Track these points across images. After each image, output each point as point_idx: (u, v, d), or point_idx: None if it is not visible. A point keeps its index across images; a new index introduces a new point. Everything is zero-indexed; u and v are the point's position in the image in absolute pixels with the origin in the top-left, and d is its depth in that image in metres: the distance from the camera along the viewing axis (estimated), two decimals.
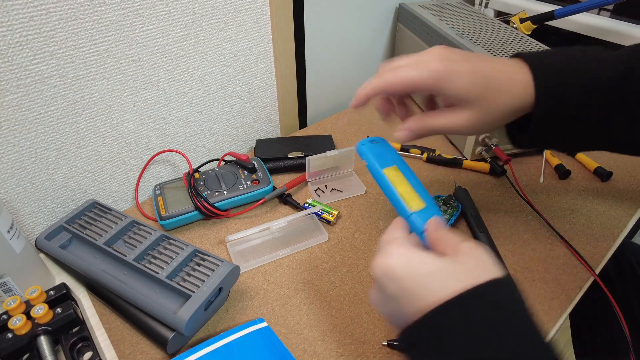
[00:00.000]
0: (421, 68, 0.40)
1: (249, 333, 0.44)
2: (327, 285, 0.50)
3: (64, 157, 0.54)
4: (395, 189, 0.41)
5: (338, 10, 0.77)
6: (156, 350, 0.44)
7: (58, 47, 0.48)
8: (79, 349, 0.43)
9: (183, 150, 0.66)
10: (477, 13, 0.80)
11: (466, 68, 0.39)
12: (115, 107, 0.56)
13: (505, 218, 0.59)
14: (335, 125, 0.79)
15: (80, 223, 0.53)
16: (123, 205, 0.64)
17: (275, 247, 0.55)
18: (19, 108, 0.48)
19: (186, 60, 0.59)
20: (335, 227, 0.58)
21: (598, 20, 0.82)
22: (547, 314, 0.47)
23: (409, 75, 0.40)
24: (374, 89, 0.42)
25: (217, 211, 0.58)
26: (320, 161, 0.64)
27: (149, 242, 0.50)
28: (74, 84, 0.51)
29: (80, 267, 0.49)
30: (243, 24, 0.63)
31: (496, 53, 0.63)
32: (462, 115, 0.40)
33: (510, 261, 0.53)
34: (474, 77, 0.39)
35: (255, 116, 0.74)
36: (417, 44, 0.80)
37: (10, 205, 0.52)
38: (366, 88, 0.42)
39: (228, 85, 0.66)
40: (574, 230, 0.57)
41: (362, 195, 0.64)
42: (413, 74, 0.40)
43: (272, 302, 0.49)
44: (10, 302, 0.42)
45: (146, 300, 0.44)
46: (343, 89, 0.88)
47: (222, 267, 0.46)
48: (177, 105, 0.62)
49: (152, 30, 0.54)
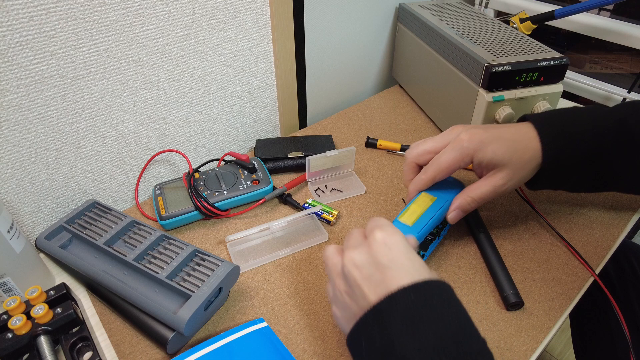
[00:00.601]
0: (457, 148, 0.47)
1: (249, 333, 0.44)
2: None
3: (64, 157, 0.55)
4: (411, 203, 0.49)
5: (338, 10, 0.77)
6: (156, 350, 0.44)
7: (58, 47, 0.48)
8: (79, 349, 0.43)
9: (183, 150, 0.66)
10: (477, 13, 0.80)
11: (491, 137, 0.47)
12: (115, 107, 0.56)
13: (505, 218, 0.59)
14: (335, 125, 0.79)
15: (80, 223, 0.53)
16: (123, 205, 0.64)
17: (275, 247, 0.55)
18: (19, 108, 0.48)
19: (186, 60, 0.59)
20: (335, 227, 0.58)
21: (598, 20, 0.82)
22: (547, 314, 0.47)
23: (450, 159, 0.47)
24: (426, 183, 0.49)
25: (217, 211, 0.58)
26: (320, 161, 0.64)
27: (149, 242, 0.50)
28: (74, 84, 0.51)
29: (80, 267, 0.49)
30: (243, 24, 0.63)
31: (496, 53, 0.63)
32: (499, 177, 0.47)
33: (510, 261, 0.53)
34: (501, 142, 0.46)
35: (255, 116, 0.74)
36: (417, 44, 0.80)
37: (10, 205, 0.52)
38: (418, 184, 0.50)
39: (228, 85, 0.66)
40: (574, 230, 0.57)
41: (362, 195, 0.64)
42: (454, 155, 0.47)
43: (272, 302, 0.49)
44: (10, 302, 0.42)
45: (146, 300, 0.44)
46: (343, 89, 0.88)
47: (222, 267, 0.46)
48: (177, 105, 0.62)
49: (152, 30, 0.54)
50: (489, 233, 0.55)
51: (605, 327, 0.67)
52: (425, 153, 0.50)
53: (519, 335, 0.45)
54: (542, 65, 0.61)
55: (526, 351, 0.43)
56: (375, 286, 0.34)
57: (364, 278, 0.35)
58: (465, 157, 0.47)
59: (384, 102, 0.87)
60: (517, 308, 0.47)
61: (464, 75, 0.66)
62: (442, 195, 0.50)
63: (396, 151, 0.72)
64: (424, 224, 0.47)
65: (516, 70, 0.61)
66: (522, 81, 0.62)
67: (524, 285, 0.50)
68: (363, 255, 0.36)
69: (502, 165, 0.47)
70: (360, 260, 0.36)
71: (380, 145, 0.72)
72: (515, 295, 0.47)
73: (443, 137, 0.49)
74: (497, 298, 0.48)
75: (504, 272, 0.49)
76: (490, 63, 0.60)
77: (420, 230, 0.46)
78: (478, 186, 0.48)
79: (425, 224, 0.47)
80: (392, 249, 0.35)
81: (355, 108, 0.85)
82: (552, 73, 0.63)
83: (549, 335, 0.45)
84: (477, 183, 0.49)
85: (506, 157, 0.46)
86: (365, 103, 0.87)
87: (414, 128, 0.79)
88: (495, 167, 0.47)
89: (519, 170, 0.47)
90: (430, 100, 0.80)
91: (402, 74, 0.90)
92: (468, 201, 0.49)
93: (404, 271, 0.34)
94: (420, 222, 0.47)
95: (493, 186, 0.47)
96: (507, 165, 0.46)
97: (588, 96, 0.90)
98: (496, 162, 0.46)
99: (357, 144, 0.74)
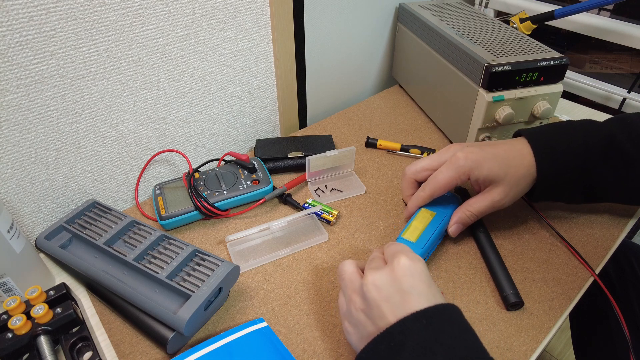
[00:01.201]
0: (453, 167, 0.49)
1: (248, 333, 0.44)
2: (327, 285, 0.50)
3: (64, 157, 0.54)
4: (412, 220, 0.53)
5: (338, 11, 0.77)
6: (156, 350, 0.44)
7: (58, 47, 0.48)
8: (79, 349, 0.43)
9: (183, 150, 0.66)
10: (477, 13, 0.80)
11: (486, 156, 0.49)
12: (115, 107, 0.56)
13: (505, 218, 0.59)
14: (335, 125, 0.79)
15: (80, 223, 0.53)
16: (123, 205, 0.64)
17: (275, 247, 0.55)
18: (19, 108, 0.48)
19: (186, 60, 0.59)
20: (335, 227, 0.58)
21: (598, 20, 0.82)
22: (547, 314, 0.47)
23: (447, 177, 0.50)
24: (424, 200, 0.52)
25: (217, 211, 0.58)
26: (320, 161, 0.64)
27: (149, 242, 0.50)
28: (74, 83, 0.51)
29: (80, 267, 0.49)
30: (243, 24, 0.63)
31: (496, 53, 0.63)
32: (496, 192, 0.50)
33: (510, 261, 0.53)
34: (496, 160, 0.49)
35: (255, 116, 0.74)
36: (416, 44, 0.80)
37: (10, 205, 0.52)
38: (417, 202, 0.53)
39: (228, 85, 0.66)
40: (574, 230, 0.57)
41: (362, 195, 0.64)
42: (451, 174, 0.50)
43: (272, 302, 0.49)
44: (10, 302, 0.42)
45: (146, 300, 0.44)
46: (343, 89, 0.88)
47: (222, 267, 0.46)
48: (177, 105, 0.62)
49: (152, 30, 0.54)
50: (489, 233, 0.55)
51: (605, 327, 0.67)
52: (423, 170, 0.53)
53: (519, 335, 0.45)
54: (542, 65, 0.61)
55: (526, 351, 0.43)
56: (394, 308, 0.35)
57: (384, 299, 0.36)
58: (462, 175, 0.49)
59: (384, 102, 0.87)
60: (517, 308, 0.47)
61: (464, 75, 0.66)
62: (441, 210, 0.54)
63: (396, 151, 0.72)
64: (427, 239, 0.50)
65: (516, 70, 0.61)
66: (522, 81, 0.62)
67: (524, 285, 0.50)
68: (385, 277, 0.37)
69: (498, 182, 0.49)
70: (382, 282, 0.37)
71: (380, 145, 0.72)
72: (515, 295, 0.47)
73: (439, 156, 0.52)
74: (497, 298, 0.48)
75: (504, 272, 0.49)
76: (490, 63, 0.60)
77: (424, 246, 0.50)
78: (476, 201, 0.51)
79: (428, 239, 0.50)
80: (415, 276, 0.37)
81: (355, 108, 0.85)
82: (552, 73, 0.63)
83: (548, 335, 0.45)
84: (476, 198, 0.51)
85: (501, 174, 0.49)
86: (365, 103, 0.87)
87: (414, 128, 0.79)
88: (492, 183, 0.49)
89: (514, 185, 0.49)
90: (430, 100, 0.80)
91: (402, 74, 0.90)
92: (467, 215, 0.51)
93: (423, 297, 0.35)
94: (423, 238, 0.50)
95: (490, 201, 0.50)
96: (502, 182, 0.49)
97: (588, 96, 0.90)
98: (492, 178, 0.49)
99: (357, 144, 0.74)
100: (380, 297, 0.36)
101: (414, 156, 0.71)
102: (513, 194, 0.50)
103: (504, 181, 0.49)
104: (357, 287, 0.39)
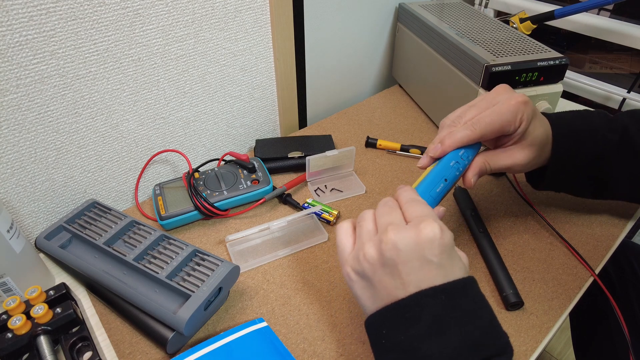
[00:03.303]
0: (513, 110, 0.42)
1: (248, 333, 0.44)
2: (327, 285, 0.50)
3: (64, 157, 0.54)
4: None
5: (338, 10, 0.77)
6: (156, 350, 0.44)
7: (58, 47, 0.48)
8: (78, 349, 0.43)
9: (183, 150, 0.66)
10: (477, 13, 0.80)
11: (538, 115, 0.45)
12: (115, 107, 0.56)
13: (505, 218, 0.59)
14: (335, 125, 0.79)
15: (80, 223, 0.53)
16: (123, 205, 0.64)
17: (275, 247, 0.55)
18: (19, 108, 0.48)
19: (186, 60, 0.59)
20: (335, 227, 0.58)
21: (598, 20, 0.82)
22: (547, 314, 0.47)
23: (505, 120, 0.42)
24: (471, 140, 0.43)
25: (217, 211, 0.58)
26: (320, 161, 0.64)
27: (149, 242, 0.50)
28: (74, 83, 0.51)
29: (80, 267, 0.49)
30: (243, 24, 0.63)
31: (496, 53, 0.63)
32: (523, 154, 0.45)
33: (510, 261, 0.53)
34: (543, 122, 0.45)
35: (255, 116, 0.74)
36: (417, 44, 0.80)
37: (10, 205, 0.52)
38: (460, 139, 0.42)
39: (228, 85, 0.66)
40: (574, 230, 0.57)
41: (362, 195, 0.64)
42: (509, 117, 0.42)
43: (272, 302, 0.49)
44: (10, 302, 0.42)
45: (146, 300, 0.44)
46: (343, 88, 0.88)
47: (222, 267, 0.46)
48: (177, 105, 0.62)
49: (152, 30, 0.54)
50: (489, 233, 0.55)
51: (605, 327, 0.67)
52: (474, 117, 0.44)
53: (519, 335, 0.45)
54: (542, 65, 0.61)
55: (526, 351, 0.43)
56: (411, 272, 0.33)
57: (402, 262, 0.33)
58: (517, 122, 0.42)
59: (384, 102, 0.87)
60: (516, 308, 0.47)
61: (464, 75, 0.66)
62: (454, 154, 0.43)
63: (396, 151, 0.72)
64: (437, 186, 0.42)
65: (516, 70, 0.61)
66: (522, 81, 0.62)
67: (524, 285, 0.50)
68: (409, 241, 0.33)
69: (535, 145, 0.44)
70: (404, 244, 0.33)
71: (380, 145, 0.72)
72: (515, 295, 0.47)
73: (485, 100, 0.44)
74: (497, 298, 0.48)
75: (504, 272, 0.49)
76: (490, 63, 0.60)
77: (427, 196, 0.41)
78: (499, 158, 0.45)
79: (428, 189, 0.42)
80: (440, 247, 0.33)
81: (355, 108, 0.85)
82: (552, 73, 0.63)
83: (548, 335, 0.45)
84: (497, 153, 0.46)
85: (544, 139, 0.45)
86: (365, 103, 0.87)
87: (414, 128, 0.79)
88: (530, 143, 0.44)
89: (542, 157, 0.46)
90: (430, 100, 0.80)
91: (402, 73, 0.90)
92: (487, 168, 0.45)
93: (442, 271, 0.33)
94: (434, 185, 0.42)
95: (512, 162, 0.45)
96: (537, 147, 0.45)
97: (588, 96, 0.90)
98: (534, 138, 0.44)
99: (357, 143, 0.74)
100: (398, 259, 0.33)
101: (414, 156, 0.71)
102: (534, 163, 0.46)
103: (539, 148, 0.45)
104: (375, 239, 0.35)
